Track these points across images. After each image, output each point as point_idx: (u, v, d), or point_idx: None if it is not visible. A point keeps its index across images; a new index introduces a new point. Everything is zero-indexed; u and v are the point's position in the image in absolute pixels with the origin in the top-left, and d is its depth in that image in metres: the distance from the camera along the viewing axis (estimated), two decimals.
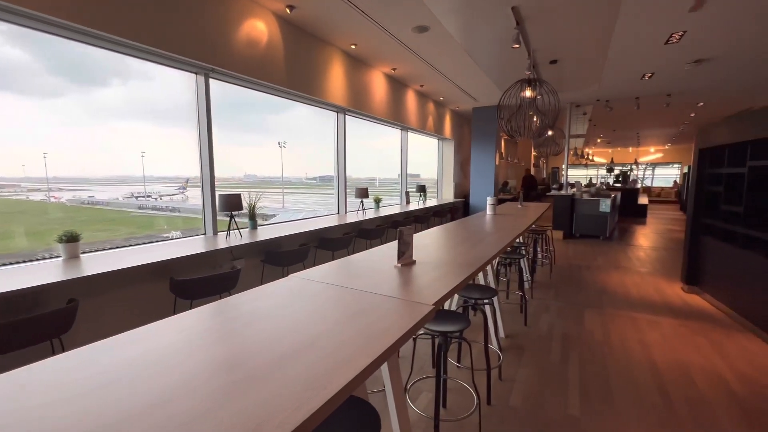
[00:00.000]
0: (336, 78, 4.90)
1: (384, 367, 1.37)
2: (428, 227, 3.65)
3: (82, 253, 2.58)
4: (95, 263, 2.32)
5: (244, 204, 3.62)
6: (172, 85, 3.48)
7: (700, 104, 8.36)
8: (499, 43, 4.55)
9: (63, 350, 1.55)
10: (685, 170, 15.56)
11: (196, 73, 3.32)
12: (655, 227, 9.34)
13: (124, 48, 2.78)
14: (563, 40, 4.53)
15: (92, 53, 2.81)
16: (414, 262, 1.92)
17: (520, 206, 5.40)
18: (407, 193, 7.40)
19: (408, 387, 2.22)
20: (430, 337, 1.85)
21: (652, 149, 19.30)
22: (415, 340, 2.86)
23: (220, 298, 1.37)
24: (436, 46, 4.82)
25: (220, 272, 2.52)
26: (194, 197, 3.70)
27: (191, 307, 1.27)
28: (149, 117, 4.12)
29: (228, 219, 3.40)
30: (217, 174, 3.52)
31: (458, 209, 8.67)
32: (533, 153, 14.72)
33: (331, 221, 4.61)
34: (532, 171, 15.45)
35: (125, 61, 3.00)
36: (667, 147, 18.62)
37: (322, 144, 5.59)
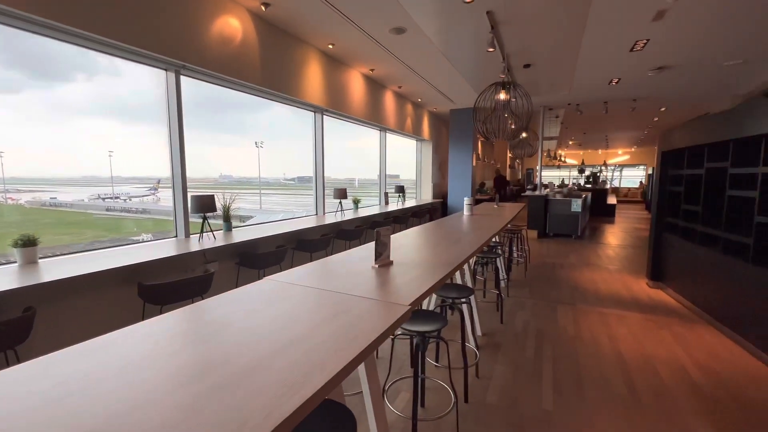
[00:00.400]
0: (313, 78, 4.85)
1: (361, 369, 1.37)
2: (407, 228, 3.67)
3: (41, 258, 2.43)
4: (56, 269, 2.20)
5: (218, 205, 3.52)
6: (142, 81, 3.35)
7: (663, 109, 8.81)
8: (475, 46, 4.63)
9: (18, 362, 1.45)
10: (650, 171, 16.39)
11: (166, 70, 3.20)
12: (623, 226, 9.77)
13: (88, 42, 2.64)
14: (536, 45, 4.67)
15: (53, 46, 2.66)
16: (391, 262, 1.93)
17: (496, 206, 5.52)
18: (386, 194, 7.42)
19: (386, 388, 2.22)
20: (408, 337, 1.86)
21: (619, 151, 20.19)
22: (393, 340, 2.87)
23: (193, 303, 1.32)
24: (413, 47, 4.86)
25: (192, 276, 2.44)
26: (166, 199, 3.56)
27: (161, 314, 1.22)
28: (117, 115, 3.94)
29: (201, 221, 3.30)
30: (191, 174, 3.41)
31: (437, 210, 8.77)
32: (509, 154, 15.09)
33: (310, 222, 4.55)
34: (508, 172, 15.83)
35: (90, 55, 2.86)
36: (633, 149, 19.52)
37: (301, 144, 5.52)
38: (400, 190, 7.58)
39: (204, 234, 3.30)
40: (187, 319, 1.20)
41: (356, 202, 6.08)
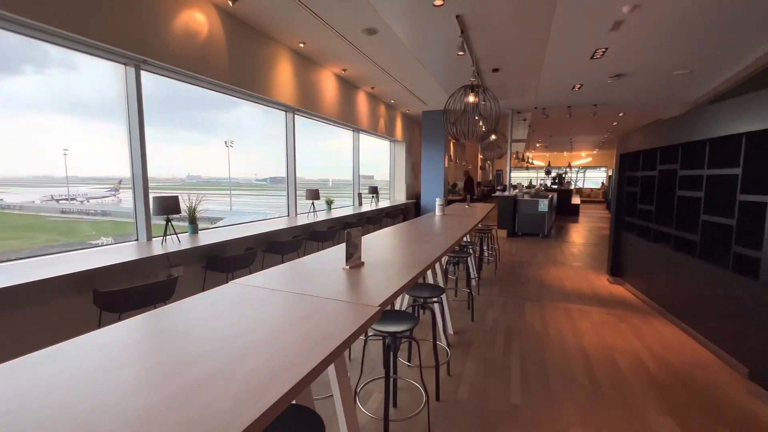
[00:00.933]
0: (284, 76, 4.76)
1: (331, 372, 1.35)
2: (381, 228, 3.67)
3: None
4: (1, 275, 2.03)
5: (183, 207, 3.38)
6: (100, 76, 3.16)
7: (621, 114, 9.34)
8: (446, 50, 4.71)
9: None
10: (610, 173, 17.30)
11: (125, 64, 3.04)
12: (586, 225, 10.26)
13: (37, 33, 2.46)
14: (504, 50, 4.81)
15: None
16: (363, 263, 1.92)
17: (467, 207, 5.64)
18: (360, 195, 7.40)
19: (358, 390, 2.21)
20: (381, 338, 1.86)
21: (583, 154, 21.19)
22: (365, 341, 2.87)
23: (155, 309, 1.26)
24: (386, 48, 4.88)
25: (154, 281, 2.32)
26: (129, 200, 3.38)
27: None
28: (73, 110, 3.70)
29: (164, 223, 3.16)
30: (156, 175, 3.26)
31: (410, 210, 8.85)
32: (480, 156, 15.46)
33: (281, 224, 4.46)
34: (479, 173, 16.21)
35: (41, 46, 2.67)
36: (595, 152, 20.55)
37: (272, 144, 5.40)
38: (374, 190, 7.59)
39: (167, 237, 3.15)
40: (145, 326, 1.14)
41: (329, 203, 6.03)
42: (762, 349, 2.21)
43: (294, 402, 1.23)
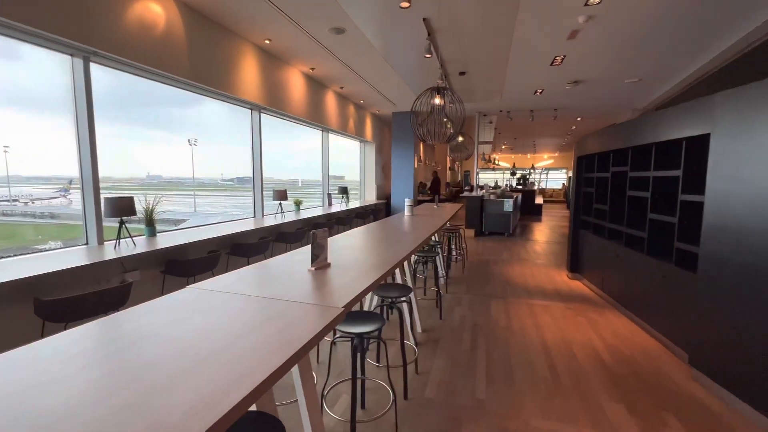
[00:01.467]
0: (250, 74, 4.63)
1: (296, 376, 1.33)
2: (351, 229, 3.66)
3: None
4: None
5: (139, 208, 3.19)
6: (46, 67, 2.92)
7: (579, 119, 9.86)
8: (414, 51, 4.77)
9: None
10: (570, 174, 18.22)
11: (72, 55, 2.83)
12: (549, 224, 10.73)
13: None
14: (470, 54, 4.94)
15: None
16: (329, 264, 1.90)
17: (436, 207, 5.73)
18: (329, 195, 7.33)
19: (325, 393, 2.19)
20: (349, 339, 1.85)
21: (545, 156, 22.18)
22: (334, 343, 2.84)
23: (107, 317, 1.17)
24: (354, 48, 4.86)
25: (106, 287, 2.17)
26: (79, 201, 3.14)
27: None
28: (15, 104, 3.39)
29: (118, 226, 2.97)
30: (113, 174, 3.05)
31: (380, 210, 8.87)
32: (449, 157, 15.77)
33: (247, 225, 4.33)
34: (448, 174, 16.53)
35: None
36: (556, 154, 21.57)
37: (239, 143, 5.23)
38: (344, 191, 7.55)
39: (122, 240, 2.97)
40: (92, 335, 1.07)
41: (298, 203, 5.92)
42: (699, 336, 2.41)
43: (254, 408, 1.20)
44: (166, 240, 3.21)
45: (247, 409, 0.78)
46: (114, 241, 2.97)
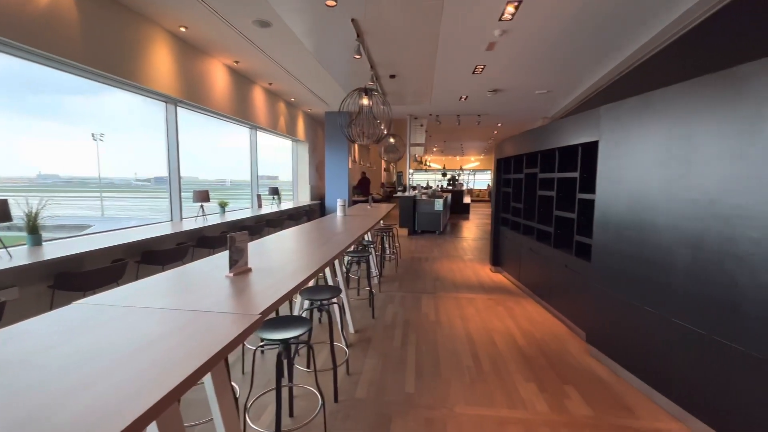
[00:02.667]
0: (162, 63, 4.20)
1: (210, 391, 1.23)
2: (283, 231, 3.51)
3: None
4: None
5: (19, 213, 2.70)
6: None
7: (500, 124, 10.73)
8: (345, 52, 4.75)
9: None
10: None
11: None
12: (476, 222, 11.50)
13: None
14: (399, 58, 5.07)
15: None
16: (249, 269, 1.80)
17: (369, 207, 5.79)
18: (259, 196, 6.98)
19: (249, 405, 2.07)
20: (276, 346, 1.76)
21: (472, 158, 23.73)
22: (262, 352, 2.70)
23: None
24: (282, 44, 4.69)
25: None
26: None
27: None
28: None
29: None
30: None
31: (315, 211, 8.69)
32: (383, 158, 16.04)
33: (163, 230, 3.92)
34: (383, 175, 16.81)
35: None
36: (482, 157, 23.21)
37: (157, 139, 4.71)
38: (275, 191, 7.24)
39: None
40: None
41: (223, 205, 5.53)
42: (593, 316, 2.77)
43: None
44: (55, 249, 2.76)
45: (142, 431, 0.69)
46: None
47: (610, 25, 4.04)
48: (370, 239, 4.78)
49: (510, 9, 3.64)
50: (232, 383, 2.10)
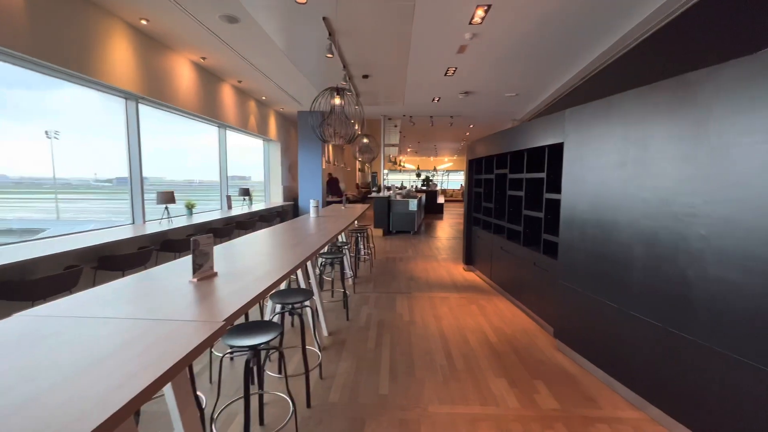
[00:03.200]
0: (121, 57, 3.98)
1: (172, 404, 1.16)
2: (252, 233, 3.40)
3: None
4: None
5: None
6: None
7: (472, 126, 10.95)
8: (317, 50, 4.69)
9: None
10: None
11: None
12: (449, 222, 11.68)
13: None
14: (372, 59, 5.06)
15: None
16: (215, 274, 1.73)
17: (343, 208, 5.74)
18: (229, 197, 6.76)
19: (216, 416, 1.99)
20: (245, 352, 1.70)
21: (446, 159, 24.11)
22: (231, 359, 2.61)
23: None
24: (252, 41, 4.56)
25: None
26: None
27: None
28: None
29: None
30: None
31: (288, 212, 8.53)
32: (359, 159, 15.99)
33: (123, 233, 3.71)
34: (358, 175, 16.75)
35: None
36: (455, 157, 23.63)
37: (119, 138, 4.45)
38: (245, 192, 7.04)
39: None
40: None
41: (190, 206, 5.31)
42: (560, 311, 2.87)
43: None
44: None
45: None
46: None
47: (573, 33, 4.21)
48: (345, 240, 4.74)
49: (480, 13, 3.71)
50: (198, 393, 2.01)
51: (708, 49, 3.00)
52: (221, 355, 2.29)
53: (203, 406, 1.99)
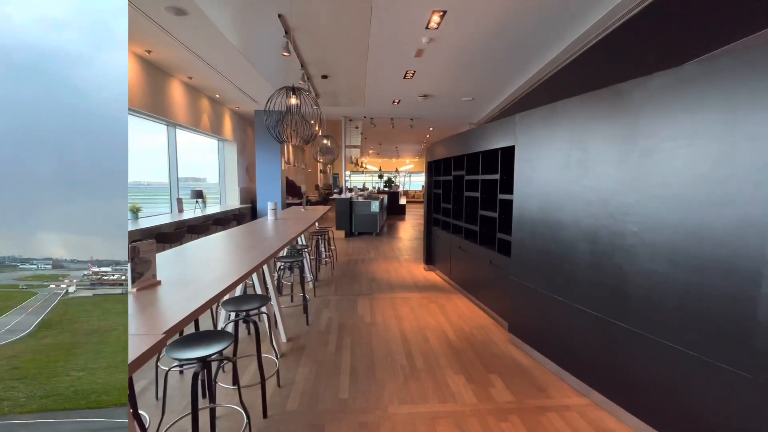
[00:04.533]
0: None
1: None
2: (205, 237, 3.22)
3: None
4: None
5: None
6: None
7: (431, 129, 11.19)
8: (273, 48, 4.55)
9: None
10: None
11: None
12: (411, 222, 11.85)
13: None
14: (330, 59, 5.01)
15: None
16: (158, 282, 1.61)
17: (303, 210, 5.62)
18: (180, 200, 6.38)
19: None
20: (193, 365, 1.60)
21: (407, 161, 24.45)
22: (181, 372, 2.46)
23: None
24: (203, 35, 4.33)
25: None
26: None
27: None
28: None
29: None
30: None
31: (245, 215, 8.21)
32: (321, 159, 15.75)
33: None
34: (320, 176, 16.52)
35: None
36: (417, 159, 24.03)
37: None
38: (198, 194, 6.69)
39: None
40: None
41: (135, 210, 4.94)
42: (513, 306, 3.00)
43: None
44: None
45: None
46: None
47: (525, 41, 4.44)
48: (305, 243, 4.64)
49: (436, 18, 3.80)
50: (141, 412, 1.87)
51: (647, 53, 3.29)
52: (167, 368, 2.14)
53: (146, 426, 1.85)
